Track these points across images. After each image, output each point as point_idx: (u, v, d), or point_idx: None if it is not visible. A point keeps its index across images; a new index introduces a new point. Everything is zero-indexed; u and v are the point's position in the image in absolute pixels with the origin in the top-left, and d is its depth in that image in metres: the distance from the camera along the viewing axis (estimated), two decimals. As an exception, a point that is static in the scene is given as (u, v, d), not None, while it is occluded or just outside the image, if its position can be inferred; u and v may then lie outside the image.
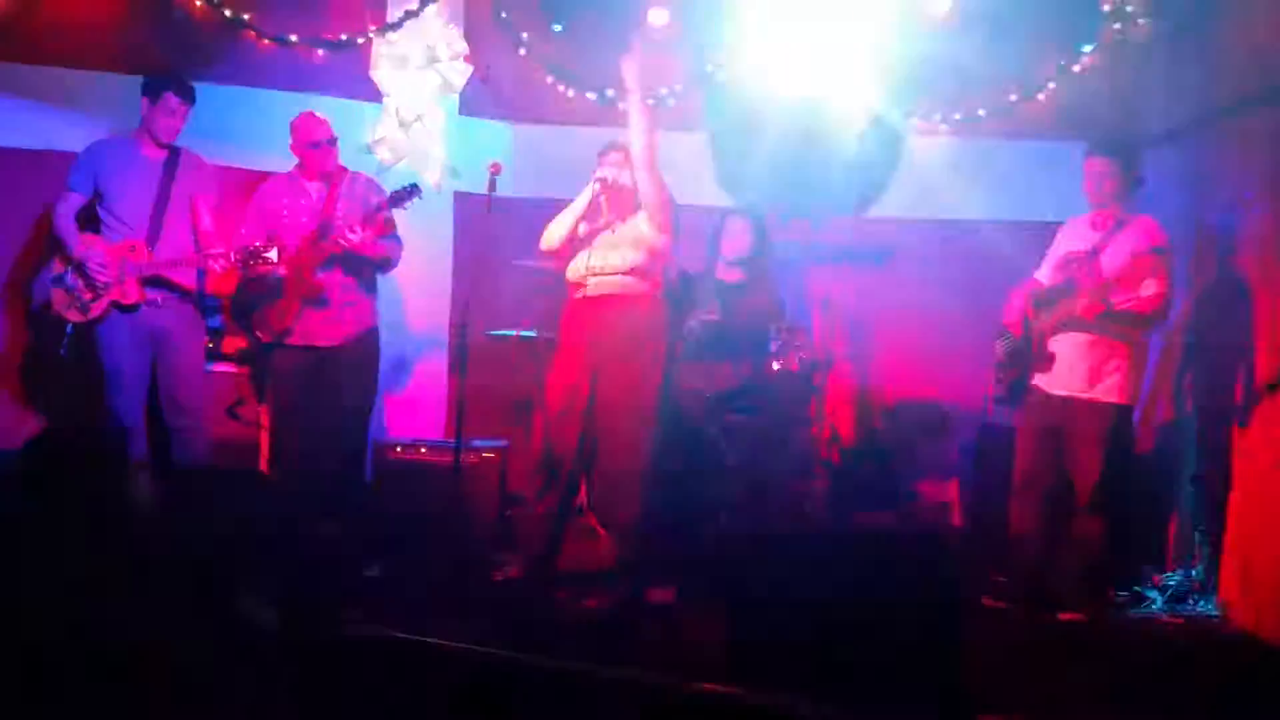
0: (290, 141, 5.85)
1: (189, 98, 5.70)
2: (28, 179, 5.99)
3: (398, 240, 5.86)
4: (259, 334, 5.80)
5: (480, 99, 6.91)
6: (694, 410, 6.02)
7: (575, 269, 5.46)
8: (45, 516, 2.54)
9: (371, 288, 5.91)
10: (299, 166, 5.89)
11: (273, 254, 5.49)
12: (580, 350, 5.36)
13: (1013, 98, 6.81)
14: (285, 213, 5.80)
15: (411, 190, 5.61)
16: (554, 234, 5.52)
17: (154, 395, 5.74)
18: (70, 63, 6.10)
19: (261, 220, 5.83)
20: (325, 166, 5.82)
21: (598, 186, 5.43)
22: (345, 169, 5.92)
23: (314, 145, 5.79)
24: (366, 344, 5.86)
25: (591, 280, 5.38)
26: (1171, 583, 5.56)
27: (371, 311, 5.89)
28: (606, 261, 5.35)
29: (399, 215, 5.85)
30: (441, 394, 6.79)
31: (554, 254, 5.53)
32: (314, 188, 5.84)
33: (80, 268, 5.57)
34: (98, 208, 5.69)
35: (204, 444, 5.77)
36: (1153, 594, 5.49)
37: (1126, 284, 4.75)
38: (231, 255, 5.54)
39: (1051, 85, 6.77)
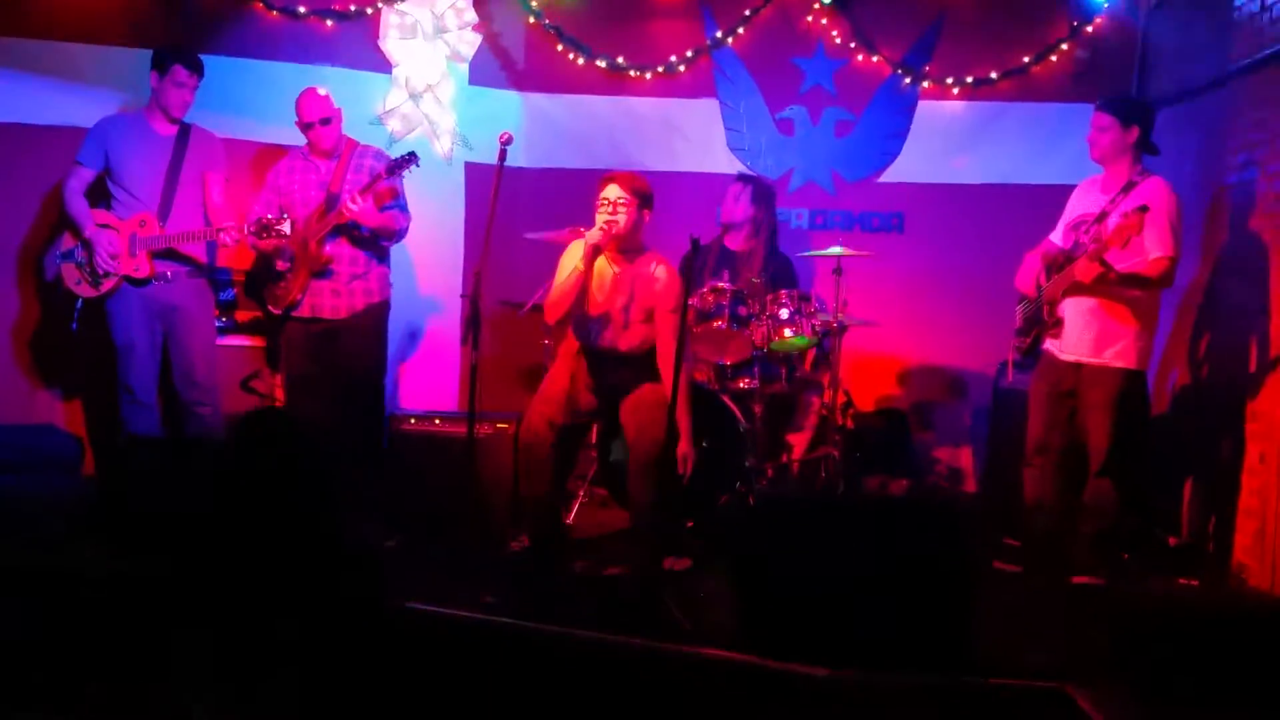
0: (295, 119, 5.85)
1: (197, 69, 5.70)
2: (35, 154, 6.01)
3: (402, 210, 5.82)
4: (270, 307, 5.83)
5: (490, 68, 6.90)
6: (707, 378, 6.04)
7: (577, 332, 5.25)
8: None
9: (382, 259, 5.90)
10: (308, 143, 5.90)
11: (285, 226, 5.50)
12: (588, 384, 5.27)
13: (1025, 59, 6.78)
14: (296, 188, 5.81)
15: (409, 158, 5.59)
16: (558, 304, 5.16)
17: (167, 370, 5.78)
18: (77, 37, 6.10)
19: (274, 197, 5.84)
20: (324, 145, 5.80)
21: (589, 250, 5.05)
22: (355, 143, 5.90)
23: (308, 126, 5.78)
24: (374, 318, 5.87)
25: (596, 347, 5.22)
26: (1186, 545, 5.57)
27: (381, 285, 5.90)
28: (616, 347, 5.17)
29: (409, 186, 5.85)
30: (454, 364, 6.81)
31: (562, 322, 5.28)
32: (323, 163, 5.84)
33: (89, 246, 5.60)
34: (108, 183, 5.71)
35: (218, 418, 5.80)
36: (1167, 556, 5.50)
37: (1114, 244, 4.71)
38: (245, 228, 5.56)
39: (1064, 46, 6.74)
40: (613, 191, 5.09)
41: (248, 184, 6.22)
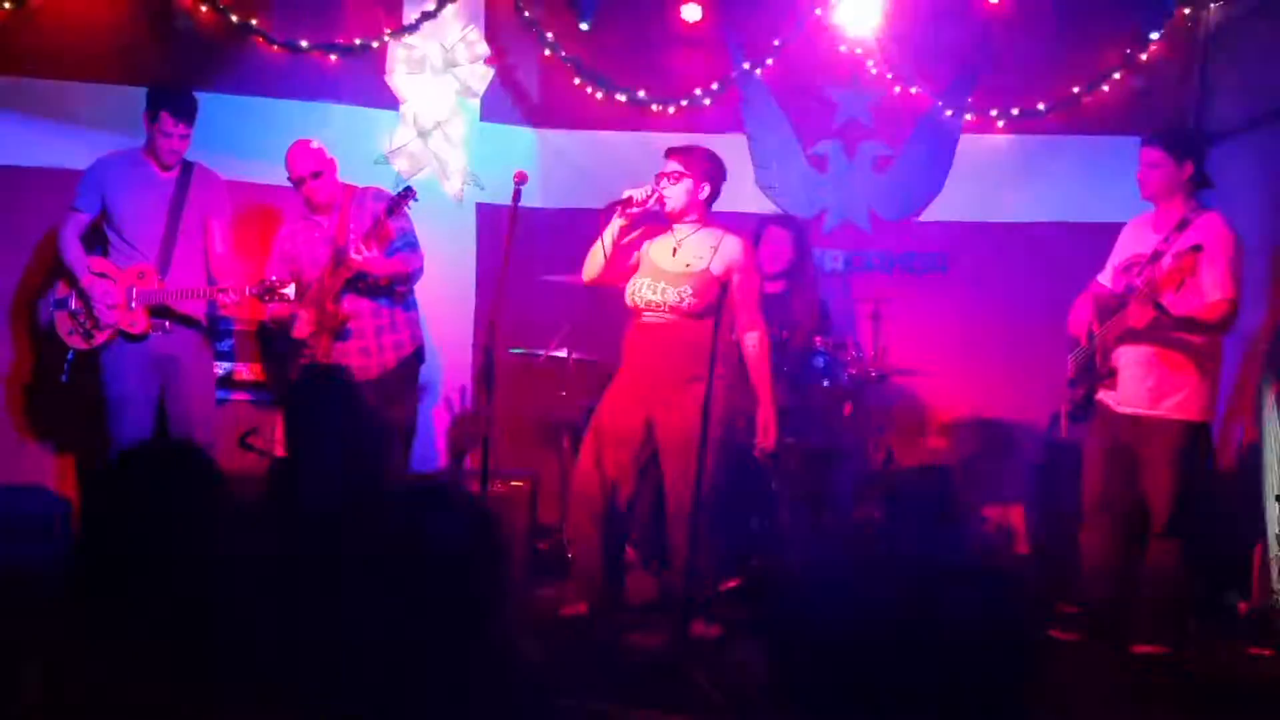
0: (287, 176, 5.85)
1: (185, 115, 5.66)
2: (27, 198, 6.06)
3: (412, 250, 5.80)
4: (293, 378, 5.82)
5: (503, 104, 6.94)
6: (737, 432, 6.02)
7: (631, 296, 5.22)
8: None
9: (407, 305, 5.88)
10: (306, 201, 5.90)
11: (289, 290, 5.53)
12: (638, 377, 5.20)
13: (1075, 90, 6.78)
14: (303, 250, 5.82)
15: (405, 194, 5.61)
16: (591, 260, 5.25)
17: (162, 424, 5.79)
18: (71, 75, 6.16)
19: (284, 265, 5.85)
20: (318, 199, 5.79)
21: (623, 201, 5.09)
22: (354, 188, 5.89)
23: (299, 182, 5.78)
24: (405, 374, 5.87)
25: (646, 314, 5.18)
26: (1258, 611, 5.51)
27: (412, 332, 5.89)
28: (664, 299, 5.12)
29: (419, 225, 5.87)
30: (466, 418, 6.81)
31: (597, 284, 5.30)
32: (324, 217, 5.83)
33: (85, 296, 5.63)
34: (105, 228, 5.72)
35: None
36: (1237, 624, 5.44)
37: (1167, 288, 4.69)
38: (246, 290, 5.59)
39: (1117, 76, 6.74)
40: (670, 165, 5.16)
41: (249, 228, 6.25)
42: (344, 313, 5.67)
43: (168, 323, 5.68)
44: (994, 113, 6.84)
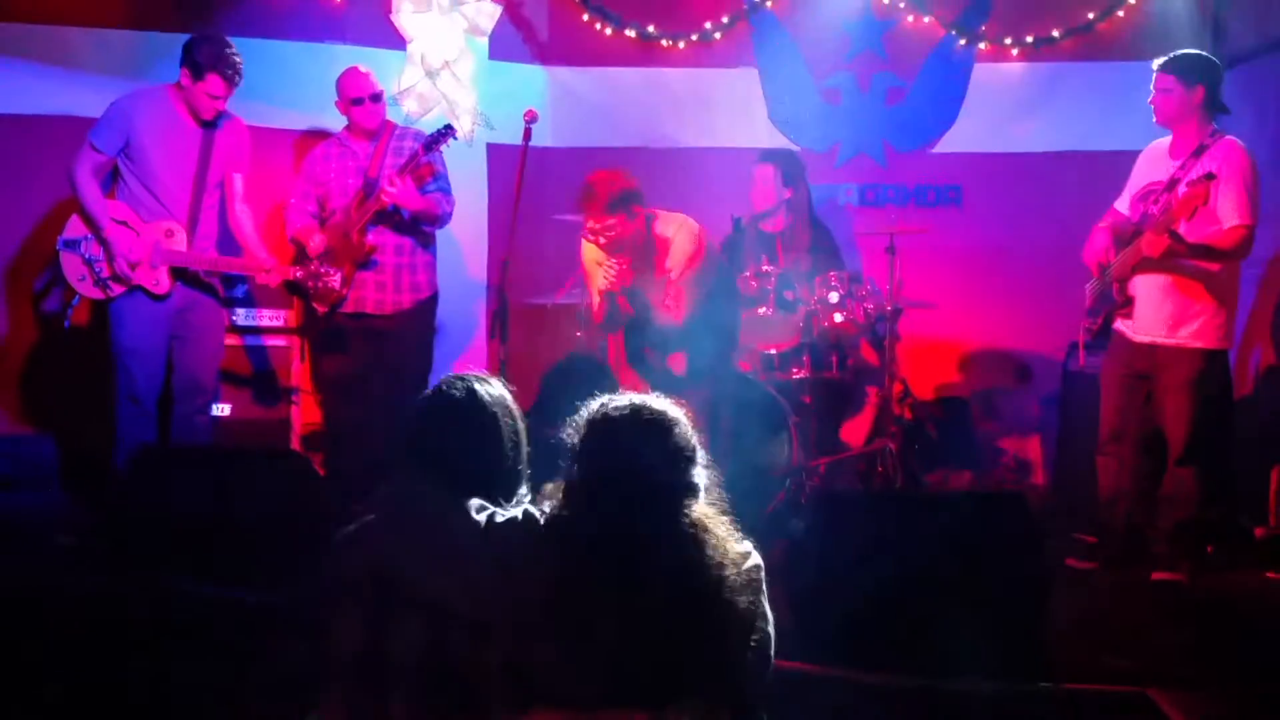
0: (336, 99, 5.89)
1: (234, 80, 5.43)
2: (27, 146, 6.06)
3: (445, 193, 5.88)
4: (315, 305, 5.87)
5: (512, 42, 6.94)
6: (753, 368, 6.07)
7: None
8: None
9: (427, 246, 5.94)
10: (347, 127, 5.94)
11: (336, 279, 5.61)
12: None
13: (1090, 16, 6.75)
14: (333, 176, 5.86)
15: (445, 132, 5.66)
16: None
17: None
18: (72, 20, 6.16)
19: (310, 187, 5.91)
20: (370, 124, 5.85)
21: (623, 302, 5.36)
22: (394, 125, 5.97)
23: (357, 102, 5.82)
24: (421, 320, 5.94)
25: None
26: (1274, 536, 5.56)
27: (429, 276, 5.95)
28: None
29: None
30: (480, 361, 6.86)
31: None
32: (361, 147, 5.88)
33: (106, 246, 5.42)
34: (126, 172, 5.50)
35: (213, 424, 5.76)
36: (1253, 549, 5.49)
37: (1181, 216, 4.71)
38: (293, 274, 5.60)
39: (1132, 0, 6.71)
40: (592, 224, 5.23)
41: (252, 173, 6.25)
42: (369, 244, 5.77)
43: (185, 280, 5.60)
44: (1008, 41, 6.84)
